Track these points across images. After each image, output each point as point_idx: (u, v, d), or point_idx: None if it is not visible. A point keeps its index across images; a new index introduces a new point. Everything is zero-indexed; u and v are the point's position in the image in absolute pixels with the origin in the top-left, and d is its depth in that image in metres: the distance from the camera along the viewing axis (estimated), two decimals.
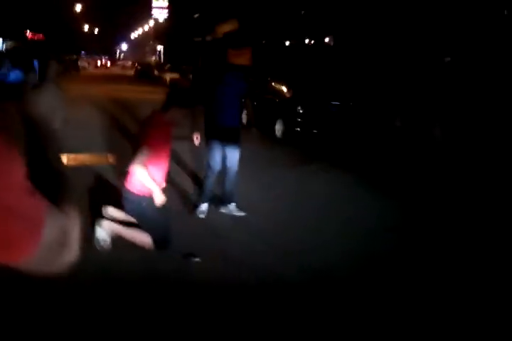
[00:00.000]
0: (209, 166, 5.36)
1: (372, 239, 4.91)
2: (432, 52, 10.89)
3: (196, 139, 5.47)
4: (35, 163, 0.95)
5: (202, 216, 5.37)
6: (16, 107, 1.00)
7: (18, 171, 0.75)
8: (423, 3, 12.55)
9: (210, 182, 5.43)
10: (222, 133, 5.32)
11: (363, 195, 6.53)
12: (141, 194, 4.03)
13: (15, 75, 10.99)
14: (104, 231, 4.19)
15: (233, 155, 5.35)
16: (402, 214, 5.86)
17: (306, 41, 28.92)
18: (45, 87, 1.08)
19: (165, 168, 4.17)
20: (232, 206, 5.43)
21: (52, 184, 0.94)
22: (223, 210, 5.48)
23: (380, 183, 7.23)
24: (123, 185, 4.20)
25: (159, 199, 3.96)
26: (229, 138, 5.35)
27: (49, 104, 1.06)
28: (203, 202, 5.43)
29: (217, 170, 5.39)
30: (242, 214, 5.37)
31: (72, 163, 7.56)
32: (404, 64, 9.26)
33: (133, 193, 4.05)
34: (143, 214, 4.11)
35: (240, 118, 5.37)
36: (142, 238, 4.13)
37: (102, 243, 4.18)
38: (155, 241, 4.07)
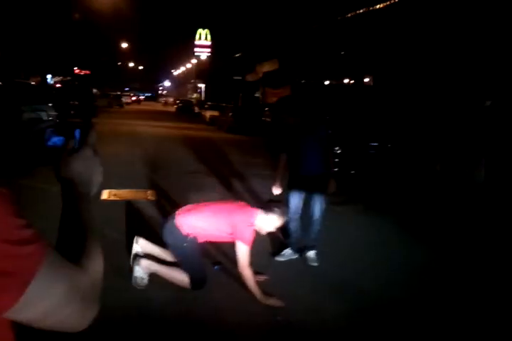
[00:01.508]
0: (289, 213, 5.26)
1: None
2: (472, 95, 10.83)
3: (276, 189, 5.45)
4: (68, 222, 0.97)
5: (281, 259, 5.33)
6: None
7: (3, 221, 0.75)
8: (464, 45, 12.58)
9: (293, 228, 5.38)
10: (304, 182, 5.31)
11: (396, 239, 6.41)
12: (186, 234, 4.07)
13: (56, 139, 11.42)
14: (142, 270, 4.20)
15: (317, 204, 5.30)
16: (431, 261, 5.72)
17: (346, 81, 29.18)
18: (82, 152, 1.12)
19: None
20: (312, 253, 5.34)
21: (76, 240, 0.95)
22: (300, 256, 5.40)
23: (416, 229, 7.10)
24: (170, 219, 4.23)
25: (260, 298, 3.98)
26: (312, 187, 5.31)
27: (83, 169, 1.09)
28: (288, 248, 5.43)
29: (296, 217, 5.36)
30: (315, 264, 5.25)
31: (113, 198, 7.70)
32: (445, 107, 9.22)
33: (180, 230, 4.08)
34: (183, 253, 4.13)
35: (327, 166, 5.33)
36: (180, 277, 4.13)
37: (139, 281, 4.19)
38: (192, 280, 4.07)
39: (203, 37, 62.05)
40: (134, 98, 71.13)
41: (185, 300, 4.03)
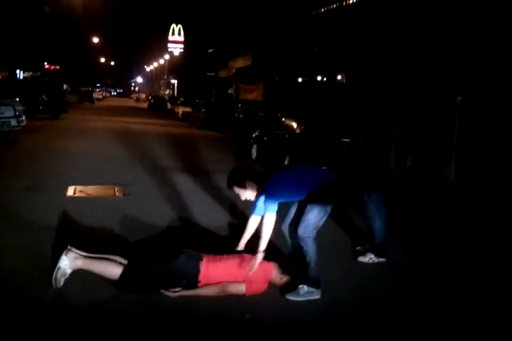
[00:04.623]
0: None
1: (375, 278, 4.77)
2: (444, 91, 10.87)
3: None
4: None
5: (361, 260, 5.27)
6: None
7: None
8: (435, 41, 12.64)
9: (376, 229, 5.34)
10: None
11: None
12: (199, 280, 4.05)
13: None
14: (68, 262, 3.93)
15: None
16: (404, 253, 5.71)
17: (319, 78, 29.21)
18: None
19: None
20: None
21: None
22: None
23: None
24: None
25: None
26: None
27: None
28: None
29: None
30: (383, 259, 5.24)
31: (78, 194, 7.51)
32: (416, 102, 9.27)
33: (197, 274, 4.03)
34: (170, 270, 4.01)
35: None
36: (113, 270, 3.94)
37: (59, 275, 3.89)
38: (124, 280, 3.93)
39: (176, 32, 61.53)
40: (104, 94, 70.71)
41: (151, 300, 3.91)
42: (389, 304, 4.23)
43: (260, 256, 4.04)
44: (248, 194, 4.20)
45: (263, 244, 4.04)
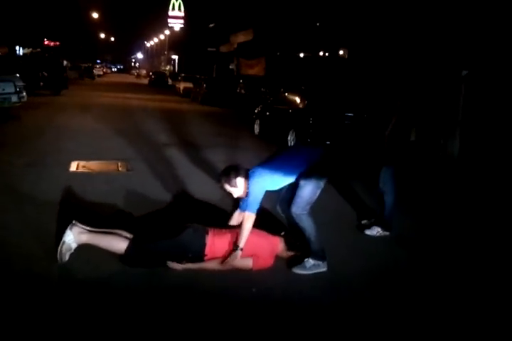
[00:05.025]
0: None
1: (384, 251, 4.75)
2: (449, 65, 10.71)
3: None
4: None
5: (368, 233, 5.27)
6: None
7: None
8: (440, 16, 12.43)
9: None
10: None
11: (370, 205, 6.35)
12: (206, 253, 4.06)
13: None
14: (73, 236, 3.92)
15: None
16: (410, 227, 5.69)
17: (321, 53, 28.89)
18: None
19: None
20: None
21: None
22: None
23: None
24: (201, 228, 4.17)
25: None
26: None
27: None
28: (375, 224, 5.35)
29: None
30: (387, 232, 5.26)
31: (81, 169, 7.47)
32: (421, 77, 9.10)
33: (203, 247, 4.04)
34: (173, 245, 4.00)
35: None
36: (119, 245, 3.93)
37: (64, 250, 3.87)
38: (129, 255, 3.93)
39: (176, 7, 60.67)
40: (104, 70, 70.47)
41: (157, 274, 3.89)
42: (397, 278, 4.20)
43: (238, 253, 3.95)
44: (239, 192, 4.15)
45: (242, 242, 3.95)
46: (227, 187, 4.16)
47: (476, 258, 4.79)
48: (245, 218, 3.97)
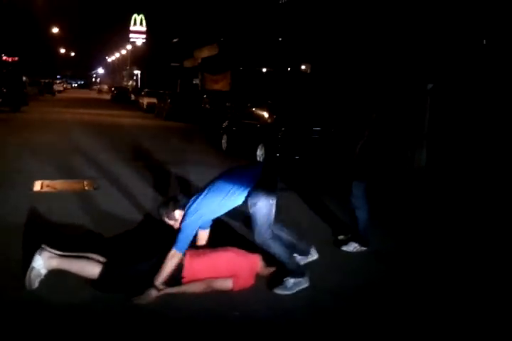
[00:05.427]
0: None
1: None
2: (414, 78, 10.87)
3: None
4: None
5: (345, 249, 5.18)
6: None
7: None
8: (405, 28, 12.64)
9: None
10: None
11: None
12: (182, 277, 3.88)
13: None
14: (42, 261, 3.71)
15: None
16: (385, 241, 5.66)
17: (283, 68, 29.13)
18: None
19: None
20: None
21: None
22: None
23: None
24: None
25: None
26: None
27: None
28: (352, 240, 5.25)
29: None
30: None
31: (46, 189, 7.20)
32: (386, 90, 9.21)
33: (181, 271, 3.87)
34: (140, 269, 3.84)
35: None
36: (92, 270, 3.74)
37: (33, 276, 3.66)
38: (101, 280, 3.75)
39: (138, 22, 60.53)
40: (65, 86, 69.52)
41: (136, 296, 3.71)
42: (380, 293, 4.12)
43: (153, 292, 3.66)
44: (178, 224, 3.95)
45: (159, 281, 3.70)
46: (166, 220, 4.00)
47: (454, 270, 4.77)
48: (170, 256, 3.71)
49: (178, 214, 3.93)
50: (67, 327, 3.25)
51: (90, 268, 3.75)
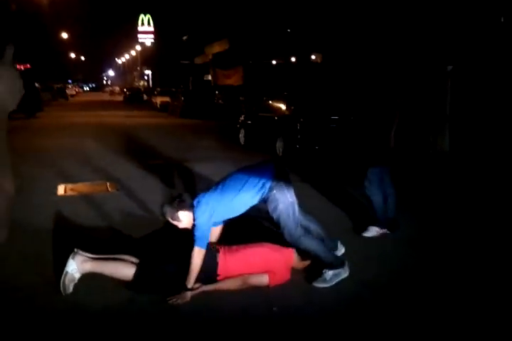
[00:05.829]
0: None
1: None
2: (433, 60, 10.66)
3: None
4: None
5: (367, 235, 5.16)
6: None
7: None
8: (422, 10, 12.41)
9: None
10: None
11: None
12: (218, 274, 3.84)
13: None
14: (76, 266, 3.67)
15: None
16: (411, 225, 5.55)
17: (293, 59, 28.95)
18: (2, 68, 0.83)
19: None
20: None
21: None
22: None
23: None
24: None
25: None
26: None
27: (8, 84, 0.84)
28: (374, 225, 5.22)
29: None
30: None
31: (70, 193, 7.19)
32: (405, 73, 9.06)
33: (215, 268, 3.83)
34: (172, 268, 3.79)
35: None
36: (125, 271, 3.70)
37: (67, 281, 3.63)
38: (137, 281, 3.71)
39: (145, 22, 60.56)
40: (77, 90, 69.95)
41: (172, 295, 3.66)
42: (417, 282, 4.01)
43: (187, 295, 3.59)
44: (183, 225, 3.87)
45: (190, 282, 3.63)
46: (170, 220, 3.90)
47: (485, 255, 4.64)
48: (194, 253, 3.63)
49: (181, 215, 3.82)
50: (105, 330, 3.21)
51: (124, 270, 3.70)
